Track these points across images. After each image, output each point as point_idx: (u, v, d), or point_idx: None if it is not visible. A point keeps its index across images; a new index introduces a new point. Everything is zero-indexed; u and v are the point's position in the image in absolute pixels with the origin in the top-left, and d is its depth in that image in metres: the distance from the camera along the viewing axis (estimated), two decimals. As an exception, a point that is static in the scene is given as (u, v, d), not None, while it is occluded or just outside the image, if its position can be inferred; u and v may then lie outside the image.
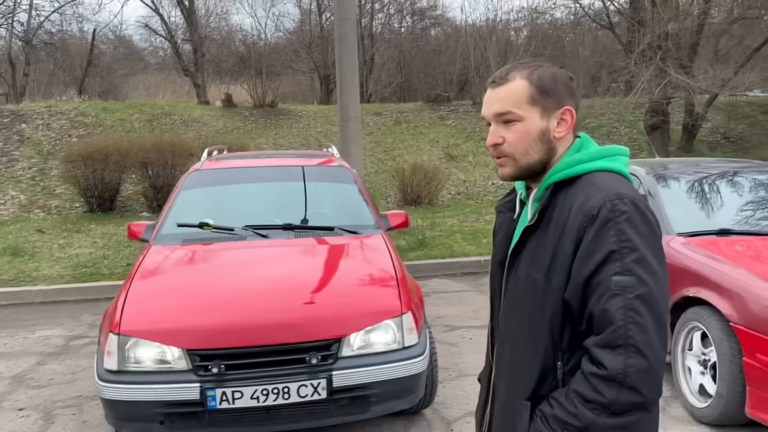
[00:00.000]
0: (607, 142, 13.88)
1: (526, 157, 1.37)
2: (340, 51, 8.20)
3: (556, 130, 1.37)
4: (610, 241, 1.23)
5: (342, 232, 4.21)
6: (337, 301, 3.38)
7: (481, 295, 6.46)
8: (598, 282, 1.23)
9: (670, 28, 11.22)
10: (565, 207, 1.32)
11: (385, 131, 14.09)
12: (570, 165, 1.36)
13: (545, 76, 1.37)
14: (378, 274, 3.68)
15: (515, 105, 1.35)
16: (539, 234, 1.36)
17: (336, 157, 5.25)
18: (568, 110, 1.37)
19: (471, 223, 9.28)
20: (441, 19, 25.04)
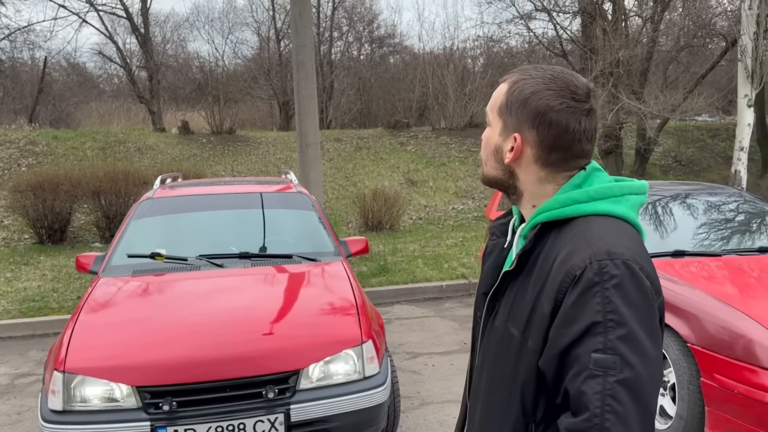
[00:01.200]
0: (563, 166, 14.16)
1: (486, 166, 1.28)
2: (299, 77, 8.17)
3: (507, 154, 1.22)
4: (594, 310, 1.04)
5: (300, 259, 4.12)
6: (294, 332, 3.29)
7: (444, 321, 6.41)
8: (575, 356, 1.05)
9: (621, 56, 11.57)
10: (551, 255, 1.14)
11: (346, 157, 14.07)
12: (562, 204, 1.17)
13: (522, 91, 1.20)
14: (337, 302, 3.60)
15: (491, 108, 1.26)
16: (521, 280, 1.18)
17: (294, 184, 5.18)
18: (515, 137, 1.20)
19: (432, 248, 9.27)
20: (399, 47, 25.40)
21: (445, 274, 7.78)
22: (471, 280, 7.51)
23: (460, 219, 11.68)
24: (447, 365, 5.14)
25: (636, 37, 12.93)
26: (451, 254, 8.82)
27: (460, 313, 6.70)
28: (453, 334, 5.95)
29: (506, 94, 1.22)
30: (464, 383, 1.45)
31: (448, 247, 9.33)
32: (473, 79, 16.31)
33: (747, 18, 10.80)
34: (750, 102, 11.04)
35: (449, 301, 7.21)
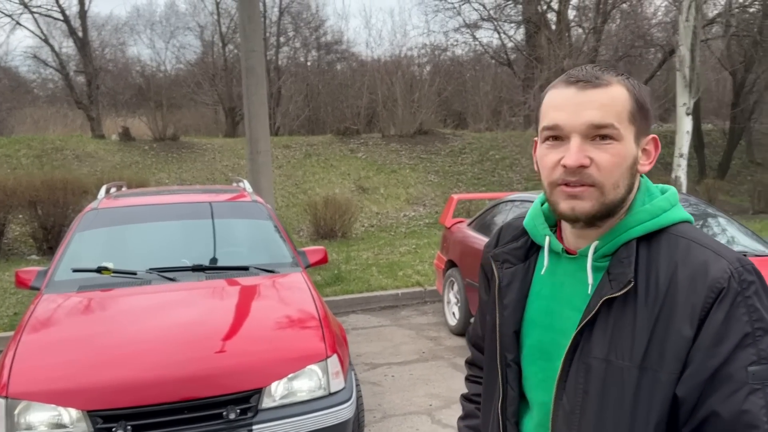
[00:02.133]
0: (510, 173, 14.39)
1: (616, 190, 1.04)
2: (248, 83, 7.98)
3: (641, 162, 1.08)
4: (743, 321, 0.97)
5: (258, 271, 3.97)
6: (255, 348, 3.14)
7: (401, 330, 6.35)
8: (728, 374, 0.96)
9: (565, 65, 11.83)
10: (655, 271, 1.03)
11: (295, 164, 13.88)
12: (654, 214, 1.07)
13: (644, 90, 1.07)
14: (299, 315, 3.47)
15: (618, 117, 1.03)
16: (619, 305, 1.03)
17: (248, 192, 5.02)
18: (655, 139, 1.10)
19: (386, 256, 9.20)
20: (346, 53, 25.36)
21: (400, 282, 7.73)
22: (426, 288, 7.48)
23: (412, 226, 11.67)
24: (407, 376, 5.07)
25: (580, 47, 13.26)
26: (405, 262, 8.78)
27: (416, 321, 6.65)
28: (411, 343, 5.89)
29: (633, 96, 1.05)
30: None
31: (402, 255, 9.29)
32: (421, 86, 16.40)
33: (684, 29, 11.23)
34: (688, 110, 11.48)
35: (405, 309, 7.16)
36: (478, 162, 14.55)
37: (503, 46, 18.44)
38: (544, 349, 1.13)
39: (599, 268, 1.09)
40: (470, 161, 14.54)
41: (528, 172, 14.38)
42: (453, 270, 6.12)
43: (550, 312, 1.14)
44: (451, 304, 6.25)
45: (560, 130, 1.04)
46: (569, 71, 1.10)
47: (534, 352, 1.15)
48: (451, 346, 5.79)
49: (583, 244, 1.12)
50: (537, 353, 1.14)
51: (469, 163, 14.45)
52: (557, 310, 1.13)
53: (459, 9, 17.33)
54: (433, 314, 6.89)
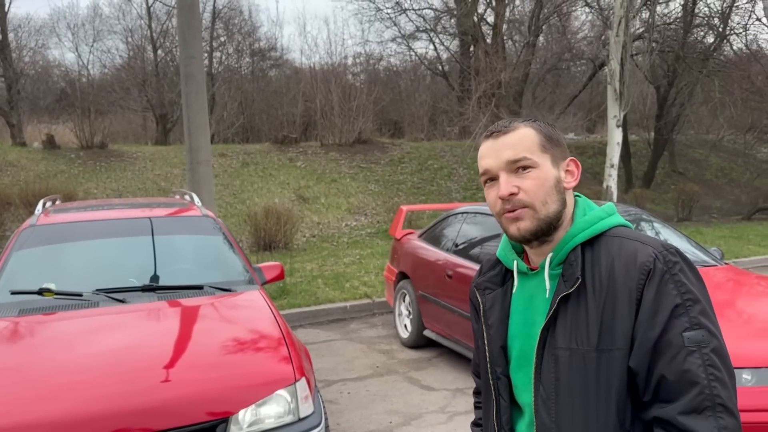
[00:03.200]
0: (448, 182, 14.55)
1: (546, 206, 1.26)
2: (188, 90, 7.70)
3: (565, 180, 1.31)
4: (672, 294, 1.17)
5: (213, 290, 3.79)
6: (218, 374, 2.97)
7: (352, 343, 6.24)
8: (667, 342, 1.15)
9: (502, 77, 12.08)
10: (598, 267, 1.23)
11: (233, 173, 13.54)
12: (592, 222, 1.29)
13: (546, 126, 1.33)
14: (262, 336, 3.32)
15: (529, 151, 1.27)
16: (573, 301, 1.23)
17: (198, 206, 4.80)
18: (573, 161, 1.33)
19: (331, 267, 9.07)
20: (281, 60, 25.05)
21: (348, 294, 7.63)
22: (374, 300, 7.41)
23: (355, 236, 11.59)
24: (363, 392, 4.98)
25: (516, 60, 13.59)
26: (351, 273, 8.68)
27: (367, 334, 6.57)
28: (364, 358, 5.80)
29: (539, 132, 1.29)
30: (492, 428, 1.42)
31: (347, 266, 9.18)
32: (359, 95, 16.39)
33: (615, 44, 11.68)
34: (619, 122, 11.93)
35: (354, 322, 7.06)
36: (417, 171, 14.64)
37: (438, 57, 18.68)
38: (525, 356, 1.31)
39: (555, 275, 1.29)
40: (410, 170, 14.61)
41: (466, 182, 14.59)
42: (405, 282, 6.08)
43: (526, 323, 1.32)
44: (402, 317, 6.20)
45: (490, 172, 1.29)
46: (488, 129, 1.34)
47: (518, 361, 1.33)
48: (405, 359, 5.74)
49: (540, 259, 1.33)
50: (521, 361, 1.32)
51: (408, 173, 14.52)
52: (531, 319, 1.31)
53: (395, 20, 17.43)
54: (383, 327, 6.82)
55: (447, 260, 5.34)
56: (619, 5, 11.65)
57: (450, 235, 5.58)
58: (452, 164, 15.19)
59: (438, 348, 5.88)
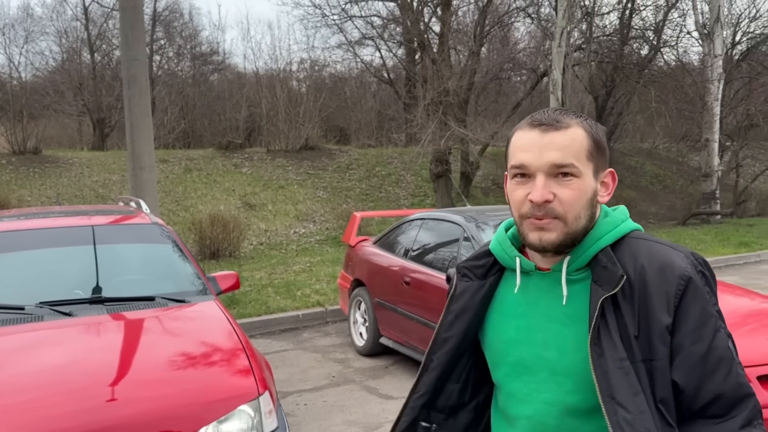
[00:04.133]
0: (397, 189, 14.57)
1: (578, 221, 1.17)
2: (131, 93, 7.42)
3: (600, 194, 1.21)
4: (710, 305, 1.13)
5: (166, 301, 3.61)
6: (176, 389, 2.82)
7: (306, 353, 6.11)
8: (718, 357, 1.10)
9: (450, 85, 12.20)
10: (624, 270, 1.15)
11: (175, 180, 13.15)
12: (615, 224, 1.21)
13: (599, 129, 1.21)
14: (222, 349, 3.18)
15: (577, 157, 1.16)
16: (610, 308, 1.14)
17: (146, 213, 4.59)
18: (612, 173, 1.24)
19: (280, 275, 8.90)
20: (223, 65, 24.60)
21: (300, 302, 7.49)
22: (327, 308, 7.30)
23: (303, 243, 11.43)
24: (320, 403, 4.86)
25: (463, 68, 13.75)
26: (302, 281, 8.54)
27: (320, 343, 6.45)
28: (319, 368, 5.69)
29: (590, 136, 1.18)
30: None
31: (297, 274, 9.03)
32: (306, 101, 16.23)
33: (557, 55, 12.00)
34: (561, 130, 12.24)
35: (307, 331, 6.93)
36: (366, 178, 14.60)
37: (384, 64, 18.74)
38: (526, 364, 1.21)
39: (572, 280, 1.19)
40: (357, 177, 14.56)
41: (414, 188, 14.65)
42: (360, 289, 6.00)
43: (527, 328, 1.22)
44: (358, 324, 6.12)
45: (526, 168, 1.16)
46: (533, 115, 1.21)
47: (517, 368, 1.23)
48: (361, 367, 5.66)
49: (553, 262, 1.22)
50: (520, 369, 1.22)
51: (356, 179, 14.46)
52: (535, 325, 1.21)
53: (341, 26, 17.37)
54: (336, 335, 6.72)
55: (404, 267, 5.30)
56: (561, 17, 11.98)
57: (406, 242, 5.55)
58: (400, 171, 15.23)
59: (395, 355, 5.82)
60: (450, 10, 13.88)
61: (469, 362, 1.34)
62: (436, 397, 1.32)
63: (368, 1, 16.48)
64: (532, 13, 16.22)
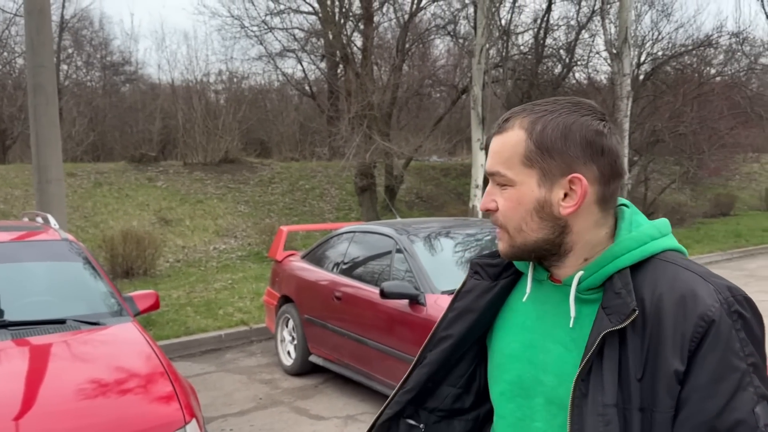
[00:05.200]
0: (321, 203, 14.38)
1: (521, 234, 1.04)
2: (36, 102, 6.89)
3: (562, 204, 1.02)
4: (739, 356, 0.91)
5: (78, 324, 3.30)
6: (93, 421, 2.55)
7: (230, 375, 5.82)
8: (735, 421, 0.89)
9: (374, 99, 12.20)
10: (640, 300, 0.97)
11: (83, 194, 12.39)
12: (642, 241, 1.02)
13: (553, 128, 1.01)
14: (143, 374, 2.93)
15: (505, 164, 1.04)
16: (611, 341, 0.96)
17: (55, 229, 4.22)
18: (577, 178, 1.01)
19: (200, 294, 8.50)
20: (136, 75, 23.65)
21: (222, 321, 7.15)
22: (252, 326, 7.01)
23: (224, 260, 11.01)
24: (247, 427, 4.61)
25: (386, 83, 13.81)
26: (223, 299, 8.18)
27: (245, 364, 6.16)
28: (244, 390, 5.41)
29: (530, 138, 1.02)
30: None
31: (218, 291, 8.66)
32: (225, 113, 15.78)
33: (477, 71, 12.25)
34: (482, 145, 12.47)
35: (230, 352, 6.61)
36: (289, 192, 14.32)
37: (306, 77, 18.58)
38: (524, 385, 1.08)
39: (583, 300, 1.04)
40: (281, 191, 14.25)
41: (338, 202, 14.50)
42: (288, 306, 5.78)
43: (531, 345, 1.08)
44: (285, 343, 5.89)
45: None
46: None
47: (513, 388, 1.10)
48: (290, 388, 5.43)
49: (566, 273, 1.07)
50: (516, 390, 1.09)
51: (279, 193, 14.15)
52: (539, 343, 1.07)
53: (261, 38, 17.07)
54: (262, 354, 6.45)
55: (334, 281, 5.14)
56: (480, 34, 12.26)
57: (337, 256, 5.40)
58: (324, 184, 15.06)
59: (325, 373, 5.63)
60: (372, 24, 13.93)
61: (472, 368, 1.21)
62: (426, 396, 1.20)
63: (289, 14, 16.25)
64: (451, 31, 16.56)
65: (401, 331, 4.34)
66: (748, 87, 17.59)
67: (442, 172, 18.30)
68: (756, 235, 13.47)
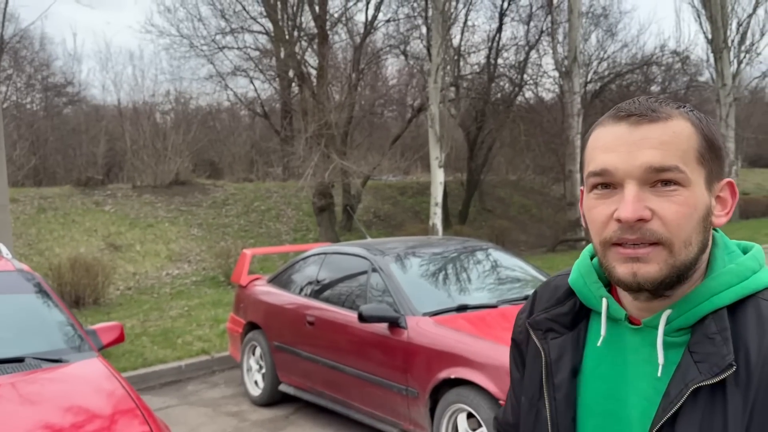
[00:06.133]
0: (277, 224, 14.10)
1: (688, 249, 0.84)
2: (-22, 123, 6.50)
3: (716, 213, 0.88)
4: None
5: (38, 362, 3.02)
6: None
7: (193, 408, 5.51)
8: None
9: (332, 118, 12.10)
10: (744, 345, 0.83)
11: (26, 221, 11.79)
12: (743, 276, 0.86)
13: (712, 123, 0.89)
14: (115, 414, 2.68)
15: (683, 159, 0.83)
16: (706, 394, 0.82)
17: (8, 259, 3.90)
18: (730, 184, 0.89)
19: (155, 322, 8.11)
20: (78, 97, 22.91)
21: (182, 351, 6.81)
22: (214, 356, 6.70)
23: (178, 285, 10.61)
24: (219, 464, 4.34)
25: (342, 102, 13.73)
26: (181, 327, 7.83)
27: (209, 396, 5.86)
28: (210, 423, 5.13)
29: (699, 133, 0.86)
30: None
31: (174, 319, 8.29)
32: (174, 134, 15.38)
33: (433, 90, 12.31)
34: (440, 163, 12.51)
35: (192, 383, 6.29)
36: (244, 213, 14.00)
37: (258, 97, 18.35)
38: None
39: (672, 344, 0.87)
40: (235, 213, 13.92)
41: (295, 223, 14.25)
42: (255, 333, 5.53)
43: (610, 396, 0.92)
44: (252, 372, 5.62)
45: (611, 175, 0.85)
46: (619, 105, 0.89)
47: None
48: (259, 420, 5.17)
49: (648, 313, 0.90)
50: None
51: (234, 215, 13.82)
52: (620, 395, 0.91)
53: (210, 58, 16.78)
54: (226, 385, 6.15)
55: (307, 306, 4.94)
56: (435, 54, 12.35)
57: (307, 279, 5.20)
58: (280, 205, 14.79)
59: (295, 403, 5.39)
60: (327, 43, 13.86)
61: None
62: None
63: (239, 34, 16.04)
64: (404, 51, 16.66)
65: (380, 356, 4.18)
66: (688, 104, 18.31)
67: (398, 190, 18.29)
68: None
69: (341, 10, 15.04)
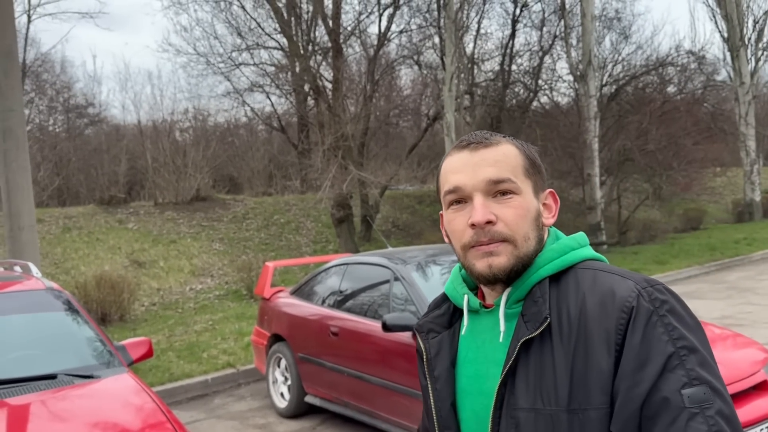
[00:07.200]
0: (297, 237, 14.20)
1: (527, 243, 1.05)
2: (6, 147, 6.67)
3: (545, 216, 1.11)
4: (663, 341, 0.93)
5: (70, 378, 3.09)
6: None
7: (221, 421, 5.57)
8: (663, 401, 0.90)
9: (349, 130, 12.20)
10: (566, 305, 1.01)
11: (52, 241, 12.01)
12: (562, 252, 1.07)
13: (531, 148, 1.13)
14: (147, 430, 2.73)
15: (513, 172, 1.06)
16: (536, 348, 1.00)
17: (39, 278, 4.00)
18: (552, 194, 1.14)
19: (181, 337, 8.21)
20: (99, 117, 23.33)
21: (208, 365, 6.89)
22: (239, 368, 6.77)
23: (202, 300, 10.72)
24: (248, 476, 4.38)
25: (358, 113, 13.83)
26: (206, 341, 7.91)
27: (236, 409, 5.92)
28: (239, 436, 5.18)
29: (522, 153, 1.10)
30: None
31: (199, 334, 8.38)
32: (195, 151, 15.60)
33: (448, 98, 12.36)
34: (458, 171, 12.52)
35: (219, 397, 6.35)
36: (264, 227, 14.12)
37: (275, 111, 18.53)
38: (479, 417, 1.08)
39: (512, 315, 1.07)
40: (255, 226, 14.04)
41: (315, 235, 14.33)
42: (280, 345, 5.58)
43: (477, 376, 1.09)
44: (278, 384, 5.67)
45: (462, 191, 1.06)
46: (461, 138, 1.13)
47: (470, 424, 1.10)
48: (286, 431, 5.21)
49: (498, 296, 1.10)
50: (474, 424, 1.09)
51: (254, 229, 13.94)
52: (483, 371, 1.08)
53: (227, 75, 17.01)
54: (252, 398, 6.21)
55: (330, 316, 4.98)
56: (450, 62, 12.40)
57: (330, 290, 5.24)
58: (299, 218, 14.90)
59: (321, 414, 5.43)
60: (342, 56, 13.99)
61: None
62: None
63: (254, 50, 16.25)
64: (417, 60, 16.75)
65: (405, 365, 4.20)
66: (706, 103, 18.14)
67: (416, 199, 18.31)
68: (729, 247, 13.70)
69: (354, 23, 15.18)
